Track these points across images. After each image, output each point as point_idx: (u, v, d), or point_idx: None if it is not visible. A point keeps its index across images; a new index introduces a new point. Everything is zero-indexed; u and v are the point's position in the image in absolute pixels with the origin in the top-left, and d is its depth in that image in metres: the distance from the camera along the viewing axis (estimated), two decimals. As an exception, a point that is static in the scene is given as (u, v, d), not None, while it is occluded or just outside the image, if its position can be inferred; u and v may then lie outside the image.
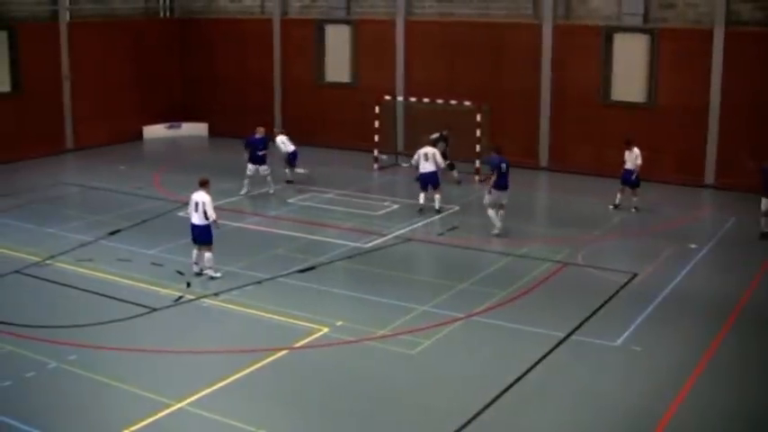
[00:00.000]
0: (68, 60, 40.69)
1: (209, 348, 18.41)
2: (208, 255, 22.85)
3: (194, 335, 19.37)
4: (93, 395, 16.46)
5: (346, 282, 22.99)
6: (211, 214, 22.68)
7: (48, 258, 24.50)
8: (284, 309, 20.42)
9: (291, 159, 32.86)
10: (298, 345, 18.57)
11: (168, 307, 20.79)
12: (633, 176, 29.43)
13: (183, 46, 45.51)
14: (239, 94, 43.74)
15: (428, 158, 28.92)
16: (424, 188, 29.28)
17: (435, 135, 32.31)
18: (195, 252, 23.09)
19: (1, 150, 37.34)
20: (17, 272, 23.40)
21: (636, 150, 29.47)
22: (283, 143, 32.94)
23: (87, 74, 41.42)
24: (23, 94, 39.13)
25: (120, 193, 31.57)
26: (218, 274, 22.72)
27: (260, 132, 31.56)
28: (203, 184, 23.08)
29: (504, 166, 26.21)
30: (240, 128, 42.20)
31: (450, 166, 32.81)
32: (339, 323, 19.55)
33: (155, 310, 20.56)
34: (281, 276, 22.76)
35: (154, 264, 23.84)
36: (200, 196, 22.86)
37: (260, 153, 31.27)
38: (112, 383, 16.72)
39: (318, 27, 41.35)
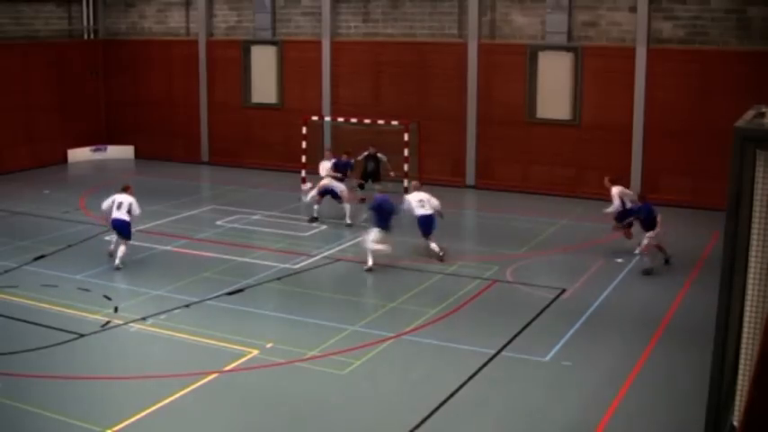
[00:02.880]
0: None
1: (137, 374, 18.18)
2: (122, 248, 25.18)
3: (123, 360, 19.13)
4: (19, 425, 16.14)
5: (275, 303, 22.90)
6: (137, 211, 25.48)
7: (-31, 285, 24.08)
8: (213, 332, 20.24)
9: None
10: (227, 368, 18.42)
11: (96, 332, 20.48)
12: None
13: (108, 68, 45.07)
14: (165, 116, 43.47)
15: (424, 204, 26.41)
16: (427, 234, 26.43)
17: (365, 153, 32.43)
18: (114, 240, 25.57)
19: None
20: (-62, 300, 22.98)
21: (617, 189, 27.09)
22: None
23: (8, 96, 40.81)
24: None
25: (44, 218, 31.12)
26: (121, 266, 24.99)
27: None
28: (126, 189, 25.77)
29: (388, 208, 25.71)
30: (166, 150, 42.15)
31: (361, 186, 32.85)
32: (269, 345, 19.44)
33: (82, 335, 20.25)
34: (210, 299, 22.59)
35: (80, 288, 23.50)
36: (125, 197, 25.49)
37: None
38: (39, 412, 16.40)
39: (244, 48, 41.26)
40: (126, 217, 25.18)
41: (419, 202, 26.18)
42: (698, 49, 32.48)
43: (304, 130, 35.85)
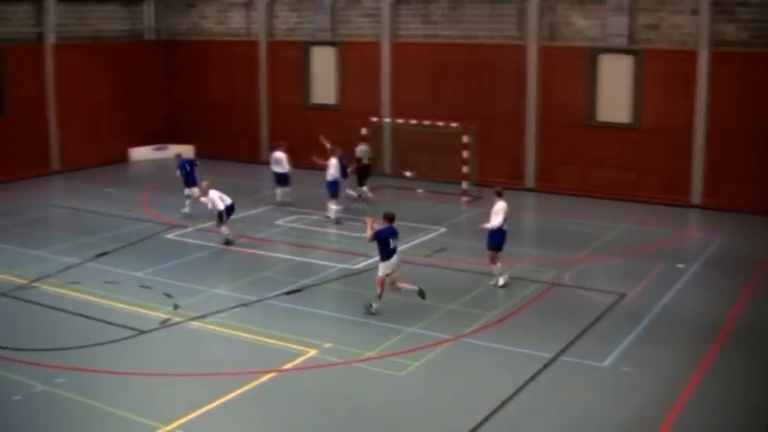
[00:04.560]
0: (54, 82, 40.67)
1: (196, 371, 18.35)
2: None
3: (182, 357, 19.32)
4: (81, 419, 16.42)
5: (334, 303, 22.94)
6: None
7: (34, 281, 24.43)
8: (272, 331, 20.38)
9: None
10: (285, 367, 18.53)
11: (155, 329, 20.73)
12: None
13: (169, 68, 45.51)
14: (226, 116, 43.77)
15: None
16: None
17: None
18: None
19: (-15, 172, 37.36)
20: (3, 294, 23.35)
21: None
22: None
23: (73, 96, 41.40)
24: (8, 116, 39.06)
25: (107, 215, 31.47)
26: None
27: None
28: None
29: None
30: (226, 149, 42.40)
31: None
32: (327, 345, 19.53)
33: (142, 332, 20.50)
34: (269, 298, 22.73)
35: (141, 286, 23.78)
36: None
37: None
38: (100, 406, 16.66)
39: (304, 49, 41.43)
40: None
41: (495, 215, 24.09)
42: (761, 51, 32.03)
43: (363, 131, 35.88)
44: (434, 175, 36.37)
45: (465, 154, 34.10)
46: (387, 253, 21.62)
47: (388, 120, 38.00)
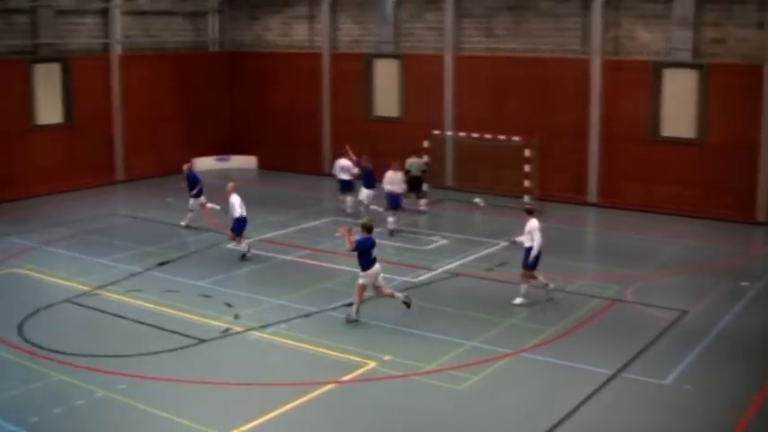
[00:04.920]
0: (120, 92, 41.20)
1: (256, 381, 18.41)
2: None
3: (241, 367, 19.39)
4: (140, 425, 16.58)
5: (394, 316, 22.83)
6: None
7: (97, 288, 24.74)
8: (332, 342, 20.41)
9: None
10: (345, 379, 18.54)
11: (216, 339, 20.85)
12: None
13: (233, 79, 45.89)
14: (288, 128, 43.99)
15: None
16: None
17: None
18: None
19: (53, 180, 37.90)
20: (67, 301, 23.66)
21: None
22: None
23: (137, 106, 41.89)
24: (75, 125, 39.69)
25: (169, 225, 31.73)
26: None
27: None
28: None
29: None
30: (288, 161, 42.60)
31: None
32: (386, 357, 19.51)
33: (203, 341, 20.64)
34: (329, 310, 22.76)
35: (202, 295, 23.94)
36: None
37: None
38: (160, 414, 16.81)
39: (367, 61, 41.55)
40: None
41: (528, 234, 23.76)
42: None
43: (425, 143, 35.87)
44: (496, 189, 36.23)
45: (527, 168, 33.97)
46: (368, 263, 21.93)
47: (449, 133, 37.98)
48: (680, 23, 33.72)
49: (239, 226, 27.75)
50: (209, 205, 31.82)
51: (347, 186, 33.99)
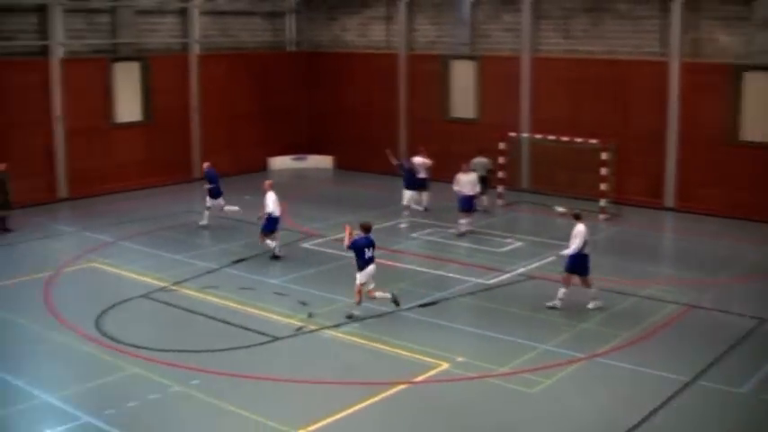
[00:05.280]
0: (198, 91, 41.69)
1: (328, 379, 18.51)
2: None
3: (314, 365, 19.50)
4: (213, 420, 16.77)
5: (468, 318, 22.85)
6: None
7: (174, 284, 25.03)
8: (405, 343, 20.43)
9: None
10: (417, 379, 18.56)
11: (289, 336, 21.00)
12: None
13: (310, 79, 46.13)
14: (364, 128, 44.13)
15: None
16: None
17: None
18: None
19: (132, 177, 38.41)
20: (144, 296, 23.98)
21: None
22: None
23: (215, 105, 42.33)
24: (154, 124, 40.24)
25: (245, 223, 31.98)
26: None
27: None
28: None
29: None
30: (364, 161, 42.71)
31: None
32: (460, 359, 19.49)
33: (276, 338, 20.79)
34: (403, 310, 22.78)
35: (277, 293, 24.13)
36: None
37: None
38: (232, 410, 16.99)
39: (444, 62, 41.52)
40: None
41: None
42: None
43: (502, 145, 35.74)
44: (572, 191, 35.96)
45: (603, 171, 33.65)
46: (362, 262, 22.34)
47: (526, 135, 37.79)
48: (762, 25, 33.18)
49: (270, 224, 27.96)
50: (227, 208, 32.06)
51: (422, 185, 34.24)
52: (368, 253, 22.40)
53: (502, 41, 39.99)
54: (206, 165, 32.86)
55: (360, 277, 22.34)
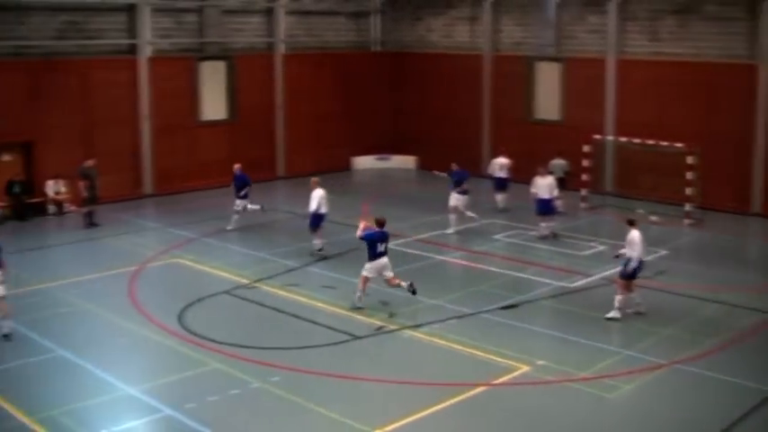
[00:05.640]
0: (282, 90, 42.02)
1: (407, 379, 18.51)
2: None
3: (394, 365, 19.55)
4: (291, 417, 16.89)
5: (549, 321, 22.70)
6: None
7: (255, 281, 25.26)
8: (485, 344, 20.37)
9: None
10: (497, 381, 18.49)
11: (370, 336, 21.06)
12: None
13: (394, 79, 46.22)
14: (448, 129, 44.06)
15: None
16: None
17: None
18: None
19: (215, 175, 38.77)
20: (226, 293, 24.24)
21: None
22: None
23: (299, 104, 42.61)
24: (238, 122, 40.65)
25: (327, 222, 32.12)
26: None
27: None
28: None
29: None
30: (448, 162, 42.54)
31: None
32: (540, 362, 19.36)
33: (357, 337, 20.86)
34: (484, 312, 22.72)
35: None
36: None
37: None
38: (311, 407, 17.09)
39: (528, 64, 41.31)
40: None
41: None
42: None
43: (586, 148, 35.45)
44: (656, 195, 35.53)
45: (689, 176, 33.20)
46: (373, 255, 22.82)
47: (610, 138, 37.45)
48: None
49: (315, 221, 28.29)
50: (250, 206, 31.97)
51: (501, 185, 34.49)
52: (380, 247, 22.86)
53: (587, 43, 39.68)
54: (237, 167, 32.49)
55: (367, 268, 22.88)
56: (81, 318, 22.56)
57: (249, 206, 31.98)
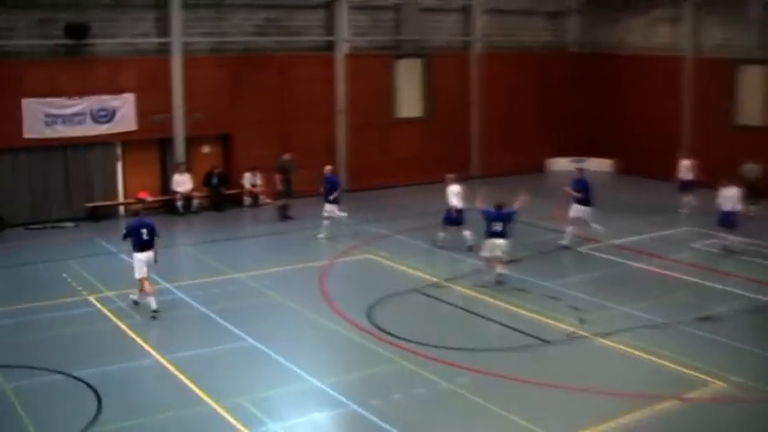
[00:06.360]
0: (478, 89, 41.92)
1: (595, 387, 18.11)
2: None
3: (582, 372, 19.17)
4: (475, 419, 16.75)
5: (747, 335, 21.67)
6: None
7: (446, 280, 25.23)
8: (677, 356, 19.69)
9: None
10: (688, 396, 17.87)
11: (560, 342, 20.71)
12: None
13: (591, 81, 45.36)
14: (646, 132, 42.96)
15: None
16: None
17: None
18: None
19: (409, 172, 39.01)
20: (415, 290, 24.27)
21: None
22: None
23: (495, 104, 42.41)
24: (434, 120, 40.76)
25: (521, 224, 31.83)
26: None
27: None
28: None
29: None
30: (645, 166, 41.66)
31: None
32: (735, 379, 18.56)
33: (547, 342, 20.56)
34: (678, 322, 22.02)
35: (549, 296, 23.86)
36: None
37: None
38: (496, 410, 16.92)
39: (732, 66, 39.88)
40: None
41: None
42: None
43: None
44: None
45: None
46: (487, 233, 24.93)
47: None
48: None
49: (450, 216, 28.62)
50: (338, 213, 30.79)
51: (687, 187, 34.07)
52: (494, 226, 24.83)
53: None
54: (328, 168, 31.49)
55: (483, 247, 25.04)
56: (272, 309, 23.07)
57: (338, 212, 30.76)
